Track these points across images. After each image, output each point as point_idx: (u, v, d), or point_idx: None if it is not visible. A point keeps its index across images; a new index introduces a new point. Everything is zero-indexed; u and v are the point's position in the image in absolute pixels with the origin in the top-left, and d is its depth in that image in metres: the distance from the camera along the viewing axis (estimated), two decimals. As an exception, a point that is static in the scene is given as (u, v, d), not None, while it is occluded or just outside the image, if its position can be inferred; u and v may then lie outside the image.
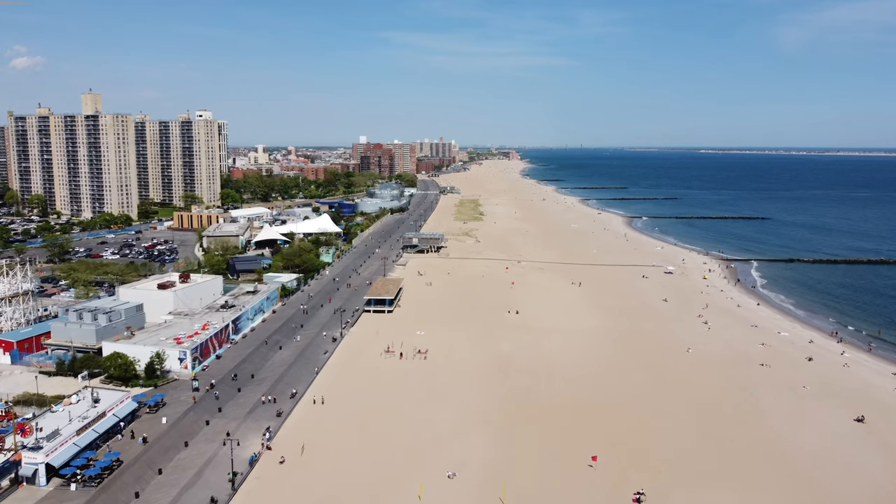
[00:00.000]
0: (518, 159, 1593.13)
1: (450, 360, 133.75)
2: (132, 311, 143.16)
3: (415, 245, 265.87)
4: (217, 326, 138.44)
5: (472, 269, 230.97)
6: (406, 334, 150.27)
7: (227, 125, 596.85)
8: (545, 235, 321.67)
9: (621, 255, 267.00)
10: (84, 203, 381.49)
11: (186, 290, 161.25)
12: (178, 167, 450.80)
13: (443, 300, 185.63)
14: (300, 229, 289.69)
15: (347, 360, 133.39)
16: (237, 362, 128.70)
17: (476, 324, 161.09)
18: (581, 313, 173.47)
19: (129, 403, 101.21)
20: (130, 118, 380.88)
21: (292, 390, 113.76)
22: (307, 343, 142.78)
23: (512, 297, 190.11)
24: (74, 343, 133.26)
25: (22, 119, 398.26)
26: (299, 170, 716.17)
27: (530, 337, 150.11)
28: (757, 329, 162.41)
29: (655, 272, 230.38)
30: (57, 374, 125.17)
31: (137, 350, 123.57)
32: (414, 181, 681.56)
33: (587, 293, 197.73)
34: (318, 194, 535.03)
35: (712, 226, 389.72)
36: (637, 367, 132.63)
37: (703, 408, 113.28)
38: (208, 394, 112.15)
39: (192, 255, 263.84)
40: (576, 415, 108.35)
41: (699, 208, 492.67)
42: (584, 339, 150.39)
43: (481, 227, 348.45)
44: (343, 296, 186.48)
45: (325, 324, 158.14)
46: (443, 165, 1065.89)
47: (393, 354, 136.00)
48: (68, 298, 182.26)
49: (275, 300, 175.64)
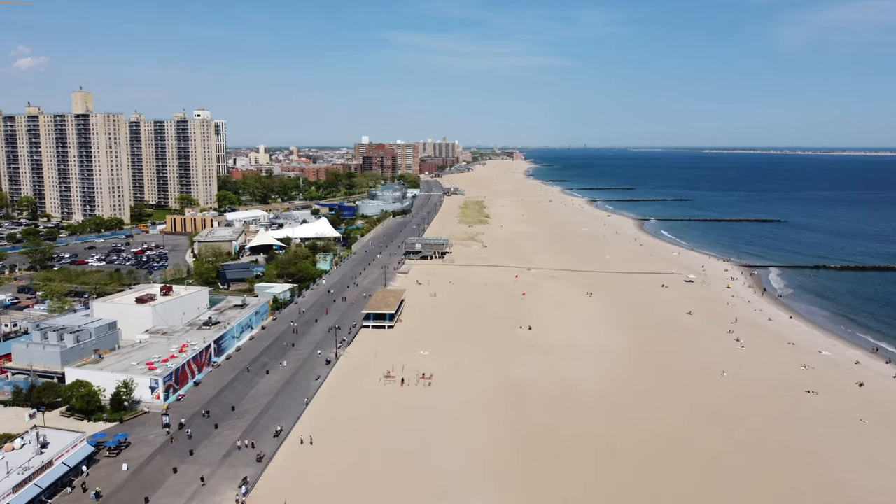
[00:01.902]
0: (522, 159, 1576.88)
1: (457, 387, 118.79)
2: (104, 331, 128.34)
3: (418, 251, 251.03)
4: (197, 348, 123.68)
5: (479, 278, 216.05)
6: (408, 354, 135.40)
7: (225, 125, 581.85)
8: (555, 240, 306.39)
9: (636, 261, 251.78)
10: (75, 205, 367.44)
11: (167, 305, 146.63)
12: (173, 168, 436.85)
13: (448, 313, 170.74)
14: (297, 234, 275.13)
15: (342, 388, 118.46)
16: (217, 390, 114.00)
17: (485, 342, 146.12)
18: (600, 329, 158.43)
19: (82, 448, 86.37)
20: (122, 117, 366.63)
21: (277, 427, 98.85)
22: (297, 366, 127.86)
23: (523, 309, 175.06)
24: (36, 367, 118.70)
25: (11, 119, 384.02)
26: (300, 170, 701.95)
27: (546, 359, 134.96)
28: (795, 347, 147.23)
29: (675, 281, 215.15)
30: (13, 405, 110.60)
31: (104, 377, 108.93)
32: (417, 182, 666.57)
33: (604, 305, 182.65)
34: (318, 196, 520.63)
35: (726, 228, 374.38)
36: (668, 394, 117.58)
37: (745, 445, 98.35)
38: (180, 431, 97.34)
39: (182, 261, 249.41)
40: (603, 458, 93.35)
41: (710, 210, 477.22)
42: (606, 360, 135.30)
43: (487, 230, 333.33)
44: (339, 309, 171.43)
45: (320, 342, 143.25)
46: (446, 165, 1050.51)
47: (393, 380, 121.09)
48: (41, 312, 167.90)
49: (265, 315, 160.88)
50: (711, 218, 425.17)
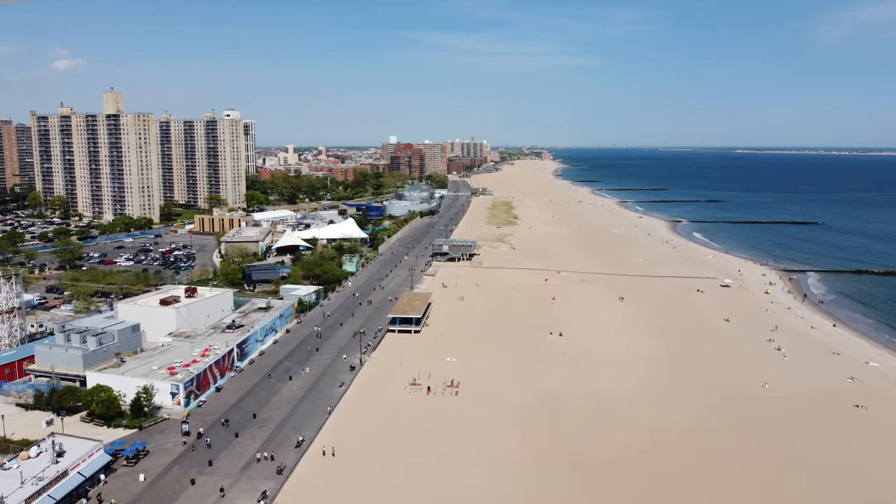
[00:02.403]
0: (550, 159, 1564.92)
1: (485, 396, 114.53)
2: (126, 333, 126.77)
3: (445, 253, 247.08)
4: (219, 353, 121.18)
5: (507, 280, 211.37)
6: (434, 361, 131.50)
7: (254, 125, 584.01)
8: (585, 242, 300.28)
9: (670, 264, 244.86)
10: (105, 205, 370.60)
11: (191, 307, 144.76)
12: (202, 168, 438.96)
13: (476, 318, 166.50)
14: (323, 235, 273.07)
15: (366, 396, 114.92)
16: (239, 396, 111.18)
17: (514, 349, 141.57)
18: (633, 336, 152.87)
19: (99, 457, 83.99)
20: (152, 117, 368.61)
21: (298, 437, 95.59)
22: (321, 371, 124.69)
23: (553, 314, 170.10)
24: (58, 370, 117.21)
25: (44, 119, 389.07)
26: (328, 170, 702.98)
27: (577, 368, 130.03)
28: (840, 358, 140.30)
29: (710, 285, 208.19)
30: (35, 408, 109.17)
31: (124, 382, 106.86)
32: (444, 182, 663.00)
33: (637, 310, 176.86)
34: (345, 196, 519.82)
35: (760, 231, 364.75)
36: (706, 408, 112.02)
37: (789, 463, 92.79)
38: (200, 440, 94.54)
39: (209, 261, 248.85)
40: (637, 477, 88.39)
41: (744, 211, 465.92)
42: (640, 369, 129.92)
43: (516, 231, 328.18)
44: (365, 313, 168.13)
45: (344, 346, 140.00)
46: (474, 166, 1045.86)
47: (419, 388, 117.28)
48: (67, 313, 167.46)
49: (289, 318, 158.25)
50: (745, 220, 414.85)
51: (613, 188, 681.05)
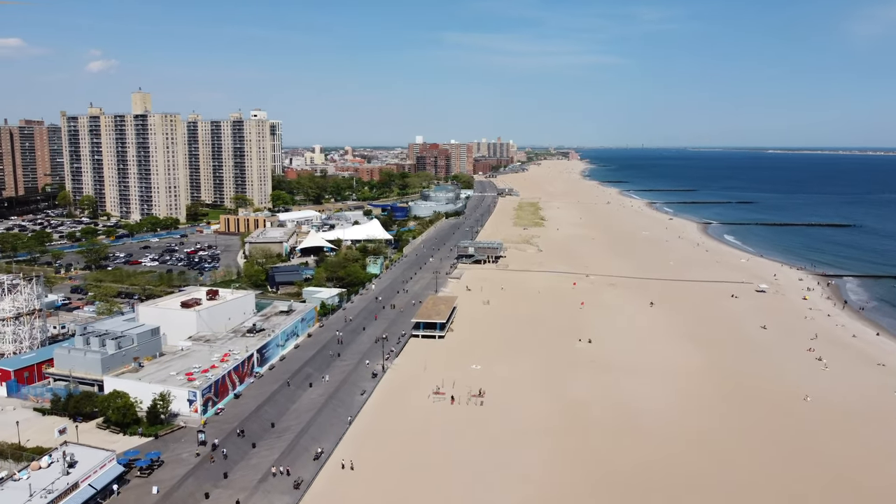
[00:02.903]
0: (578, 159, 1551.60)
1: (511, 407, 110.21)
2: (146, 337, 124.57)
3: (470, 255, 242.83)
4: (239, 358, 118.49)
5: (534, 284, 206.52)
6: (459, 368, 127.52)
7: (280, 125, 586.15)
8: (613, 244, 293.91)
9: (702, 268, 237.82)
10: (133, 205, 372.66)
11: (212, 310, 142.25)
12: (229, 167, 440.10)
13: (502, 323, 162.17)
14: (348, 236, 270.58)
15: (388, 405, 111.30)
16: (258, 404, 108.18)
17: (541, 356, 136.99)
18: (666, 344, 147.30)
19: (111, 469, 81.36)
20: (179, 117, 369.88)
21: (317, 448, 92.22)
22: (342, 378, 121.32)
23: (582, 320, 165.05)
24: (76, 374, 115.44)
25: (74, 119, 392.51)
26: (354, 170, 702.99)
27: (606, 377, 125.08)
28: (885, 369, 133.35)
29: (745, 290, 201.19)
30: (52, 413, 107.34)
31: (141, 388, 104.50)
32: (470, 182, 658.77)
33: (669, 316, 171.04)
34: (371, 196, 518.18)
35: (795, 233, 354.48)
36: (743, 422, 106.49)
37: (837, 482, 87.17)
38: (216, 450, 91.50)
39: (233, 262, 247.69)
40: (676, 499, 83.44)
41: (778, 213, 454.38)
42: (673, 379, 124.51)
43: (543, 233, 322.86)
44: (388, 317, 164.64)
45: (366, 352, 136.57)
46: (500, 166, 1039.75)
47: (443, 397, 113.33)
48: (90, 314, 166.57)
49: (311, 321, 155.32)
50: (779, 222, 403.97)
51: (642, 189, 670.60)
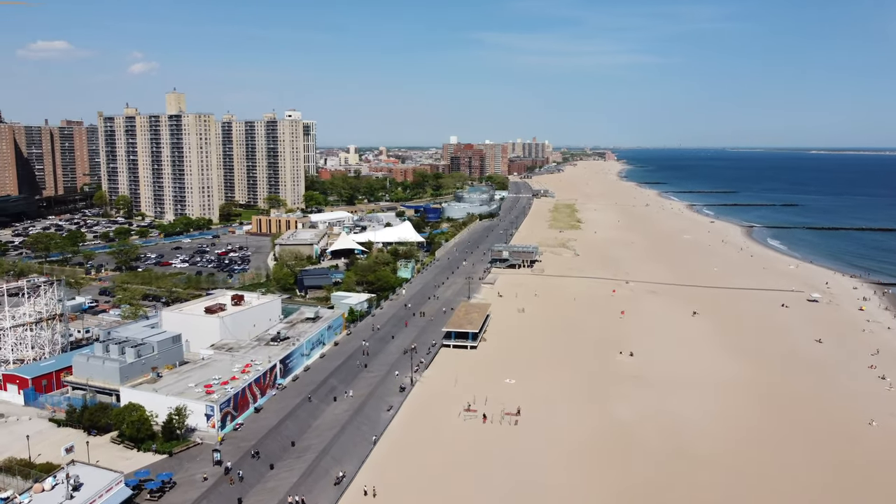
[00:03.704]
0: (614, 160, 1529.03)
1: (548, 427, 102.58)
2: (166, 345, 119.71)
3: (505, 259, 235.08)
4: (260, 369, 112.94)
5: (571, 290, 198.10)
6: (492, 383, 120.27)
7: (315, 125, 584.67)
8: (654, 248, 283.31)
9: (748, 275, 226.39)
10: (167, 205, 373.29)
11: (236, 317, 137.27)
12: (262, 168, 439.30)
13: (538, 333, 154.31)
14: (379, 238, 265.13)
15: (416, 423, 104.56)
16: (279, 419, 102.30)
17: (581, 369, 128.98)
18: (713, 358, 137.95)
19: (119, 492, 75.98)
20: (212, 118, 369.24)
21: (339, 472, 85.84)
22: (369, 392, 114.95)
23: (622, 330, 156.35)
24: (94, 383, 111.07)
25: (110, 119, 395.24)
26: (387, 171, 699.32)
27: (651, 395, 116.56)
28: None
29: (796, 300, 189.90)
30: (67, 424, 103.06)
31: (157, 401, 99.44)
32: (505, 183, 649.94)
33: (715, 327, 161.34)
34: (404, 197, 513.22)
35: (844, 238, 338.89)
36: (803, 448, 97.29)
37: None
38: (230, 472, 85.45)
39: (263, 264, 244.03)
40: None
41: (825, 216, 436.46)
42: (724, 398, 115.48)
43: (579, 236, 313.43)
44: (418, 325, 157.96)
45: (394, 363, 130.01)
46: (535, 166, 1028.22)
47: (475, 415, 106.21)
48: (115, 318, 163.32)
49: (338, 329, 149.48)
50: (827, 226, 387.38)
51: (681, 190, 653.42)
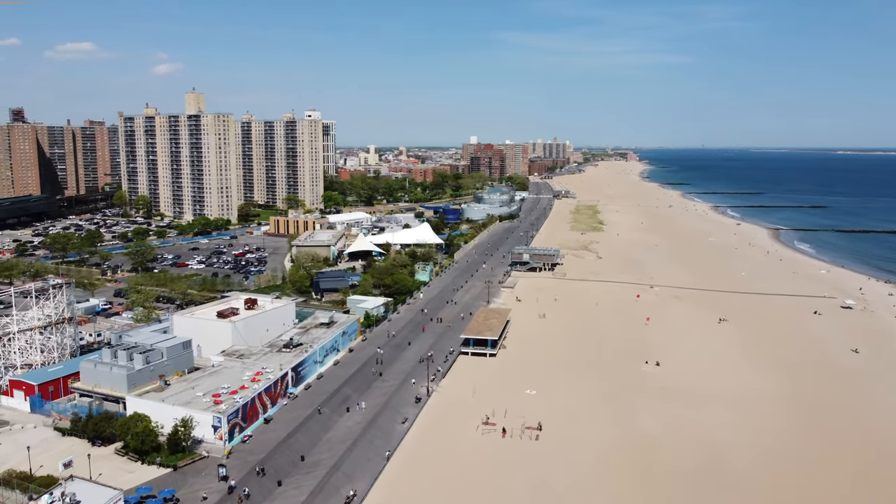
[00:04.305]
0: (636, 160, 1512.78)
1: (571, 443, 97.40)
2: (177, 350, 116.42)
3: (525, 262, 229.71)
4: (271, 378, 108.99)
5: (594, 295, 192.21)
6: (512, 393, 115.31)
7: (335, 125, 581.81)
8: (678, 251, 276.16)
9: (777, 280, 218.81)
10: (186, 205, 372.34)
11: (248, 321, 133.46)
12: (281, 168, 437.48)
13: (559, 341, 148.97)
14: (397, 239, 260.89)
15: (432, 436, 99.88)
16: (289, 431, 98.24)
17: (604, 380, 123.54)
18: (744, 368, 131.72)
19: (117, 511, 72.30)
20: (231, 118, 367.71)
21: (350, 490, 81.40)
22: (384, 402, 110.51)
23: (648, 338, 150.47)
24: (101, 390, 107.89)
25: (130, 119, 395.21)
26: (407, 171, 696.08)
27: (679, 408, 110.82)
28: None
29: (829, 306, 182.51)
30: (72, 433, 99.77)
31: (164, 411, 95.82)
32: (525, 184, 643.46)
33: (745, 336, 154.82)
34: (423, 197, 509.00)
35: (876, 241, 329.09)
36: (845, 471, 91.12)
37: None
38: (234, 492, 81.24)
39: (280, 266, 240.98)
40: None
41: (854, 219, 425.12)
42: (758, 413, 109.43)
43: (602, 238, 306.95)
44: (435, 331, 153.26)
45: (410, 371, 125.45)
46: (556, 167, 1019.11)
47: (494, 428, 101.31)
48: (128, 320, 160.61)
49: (353, 334, 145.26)
50: (856, 228, 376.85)
51: (705, 191, 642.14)
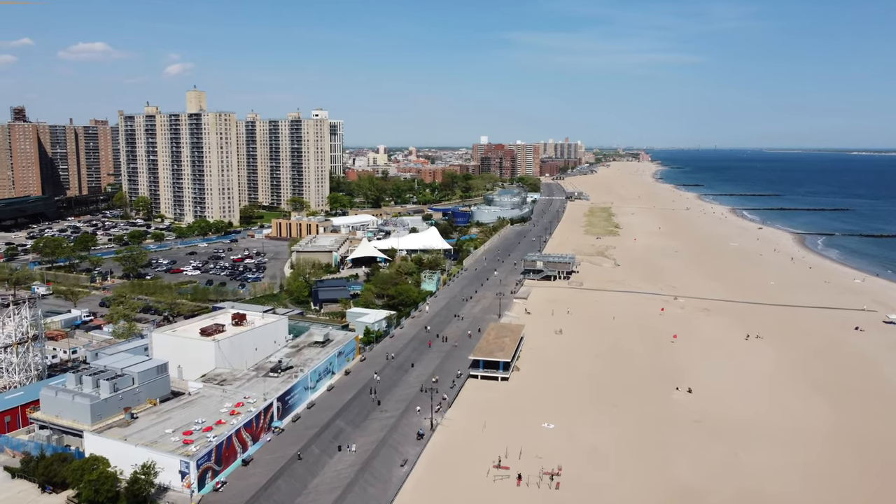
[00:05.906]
0: (648, 161, 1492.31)
1: (595, 492, 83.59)
2: (150, 375, 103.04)
3: (539, 270, 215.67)
4: (253, 410, 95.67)
5: (613, 306, 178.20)
6: (527, 427, 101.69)
7: (342, 125, 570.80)
8: (700, 257, 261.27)
9: (809, 290, 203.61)
10: (186, 206, 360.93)
11: (234, 340, 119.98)
12: (286, 168, 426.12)
13: (578, 361, 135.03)
14: (403, 245, 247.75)
15: (434, 484, 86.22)
16: (269, 476, 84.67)
17: (631, 410, 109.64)
18: (788, 396, 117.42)
19: None
20: (233, 117, 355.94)
21: (335, 558, 68.09)
22: (380, 438, 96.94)
23: (675, 359, 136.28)
24: (62, 422, 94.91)
25: (131, 118, 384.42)
26: (416, 171, 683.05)
27: (720, 448, 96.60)
28: None
29: (871, 321, 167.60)
30: (22, 475, 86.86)
31: (125, 452, 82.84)
32: (537, 185, 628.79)
33: (783, 355, 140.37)
34: (432, 199, 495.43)
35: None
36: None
37: None
38: (201, 554, 68.58)
39: (279, 272, 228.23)
40: None
41: (882, 223, 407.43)
42: (810, 451, 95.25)
43: (618, 243, 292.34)
44: (441, 350, 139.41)
45: (413, 399, 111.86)
46: (568, 167, 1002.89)
47: (507, 473, 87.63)
48: (107, 335, 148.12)
49: (351, 354, 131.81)
50: (887, 233, 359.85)
51: (721, 193, 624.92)
